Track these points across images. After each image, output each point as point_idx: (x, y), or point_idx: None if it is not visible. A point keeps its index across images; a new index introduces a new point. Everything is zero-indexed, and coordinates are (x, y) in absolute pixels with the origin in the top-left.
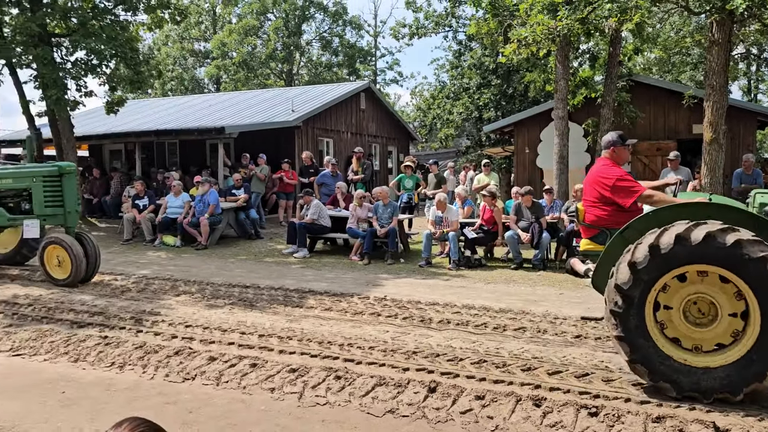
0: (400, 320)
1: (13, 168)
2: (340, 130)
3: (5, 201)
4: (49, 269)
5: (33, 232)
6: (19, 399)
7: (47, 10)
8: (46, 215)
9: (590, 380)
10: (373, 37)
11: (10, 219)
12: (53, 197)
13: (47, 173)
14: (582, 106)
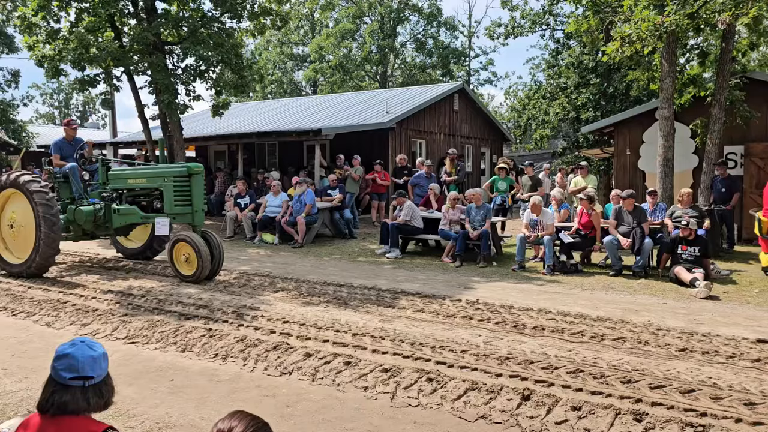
0: (492, 324)
1: (146, 168)
2: (433, 132)
3: (139, 199)
4: (177, 265)
5: (164, 229)
6: (133, 385)
7: (161, 20)
8: (176, 213)
9: (696, 397)
10: (468, 37)
11: (143, 217)
12: (182, 196)
13: (177, 173)
14: (689, 105)
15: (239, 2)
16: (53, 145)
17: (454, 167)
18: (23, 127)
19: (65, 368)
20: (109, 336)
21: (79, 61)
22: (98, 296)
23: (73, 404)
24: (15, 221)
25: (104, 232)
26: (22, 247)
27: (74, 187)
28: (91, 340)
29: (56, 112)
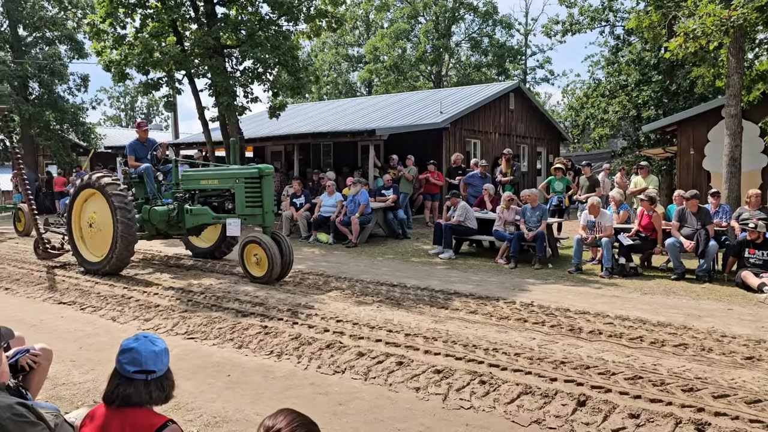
0: (547, 328)
1: (218, 170)
2: (487, 131)
3: (210, 200)
4: (248, 266)
5: (235, 230)
6: (192, 379)
7: (221, 24)
8: (246, 215)
9: (763, 408)
10: (524, 35)
11: (215, 217)
12: (253, 198)
13: (248, 175)
14: (758, 102)
15: (296, 5)
16: (128, 146)
17: (510, 167)
18: (92, 129)
19: (129, 362)
20: (169, 331)
21: (143, 66)
22: (160, 292)
23: (136, 397)
24: (94, 221)
25: (177, 231)
26: (101, 246)
27: (148, 188)
28: (153, 336)
29: (122, 115)
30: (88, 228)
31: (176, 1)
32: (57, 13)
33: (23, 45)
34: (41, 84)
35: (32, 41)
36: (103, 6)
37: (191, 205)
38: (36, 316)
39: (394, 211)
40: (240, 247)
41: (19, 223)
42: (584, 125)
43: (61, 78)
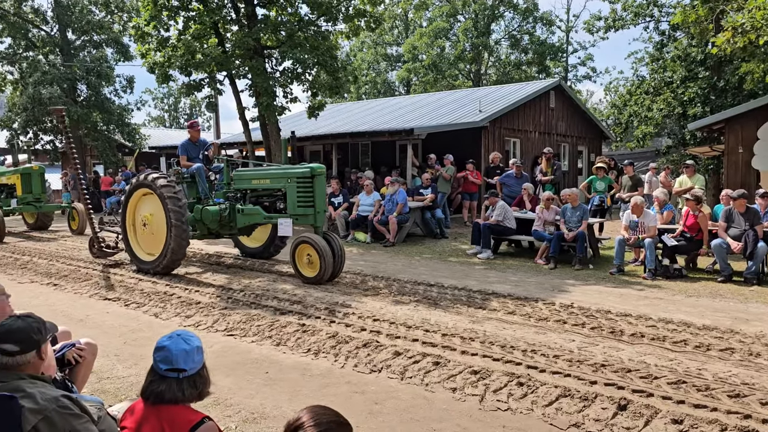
0: (587, 330)
1: (270, 169)
2: (527, 130)
3: (262, 200)
4: (300, 267)
5: (287, 230)
6: (231, 375)
7: (261, 25)
8: (298, 214)
9: None
10: (565, 32)
11: (266, 217)
12: (305, 197)
13: (300, 174)
14: None
15: (335, 5)
16: (180, 146)
17: (550, 166)
18: (137, 130)
19: (162, 360)
20: (209, 328)
21: (186, 67)
22: (201, 290)
23: (169, 394)
24: (148, 220)
25: (228, 231)
26: (154, 245)
27: (200, 187)
28: (188, 334)
29: (166, 116)
30: (142, 227)
31: (218, 3)
32: (104, 17)
33: (72, 48)
34: (89, 86)
35: (80, 45)
36: (147, 9)
37: (243, 204)
38: (83, 311)
39: (432, 210)
40: (292, 247)
41: (73, 222)
42: (627, 123)
43: (108, 80)
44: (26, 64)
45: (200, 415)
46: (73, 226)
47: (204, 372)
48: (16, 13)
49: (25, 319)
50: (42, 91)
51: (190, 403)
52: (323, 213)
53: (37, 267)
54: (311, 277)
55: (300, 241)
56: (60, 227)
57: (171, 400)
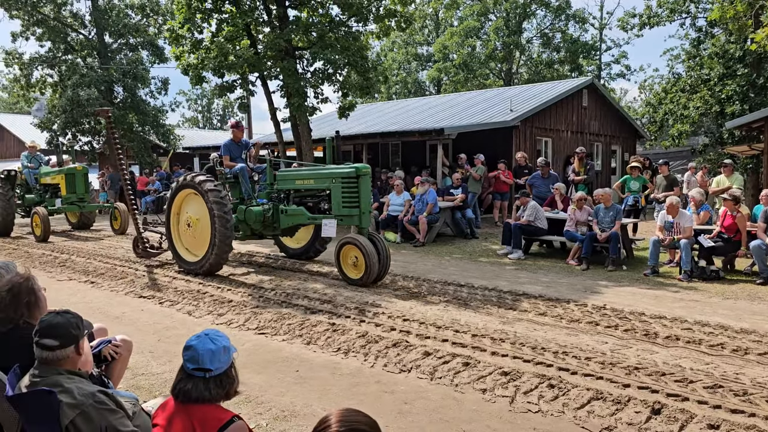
0: (620, 332)
1: (314, 169)
2: (559, 129)
3: (305, 200)
4: (344, 268)
5: (331, 231)
6: (262, 373)
7: (292, 26)
8: (343, 215)
9: None
10: (599, 30)
11: (310, 218)
12: (350, 198)
13: (345, 175)
14: None
15: (365, 6)
16: (222, 146)
17: (583, 166)
18: (171, 131)
19: (189, 359)
20: (241, 326)
21: (219, 69)
22: (233, 288)
23: (196, 393)
24: (192, 221)
25: (272, 232)
26: (198, 246)
27: (243, 188)
28: (216, 333)
29: (199, 116)
30: (186, 228)
31: (250, 5)
32: (140, 21)
33: (109, 51)
34: (125, 88)
35: (117, 47)
36: (181, 12)
37: (286, 205)
38: (118, 308)
39: (462, 210)
40: (336, 248)
41: (115, 222)
42: (662, 122)
43: (143, 82)
44: (65, 67)
45: (230, 414)
46: (115, 226)
47: (231, 372)
48: (55, 18)
49: (64, 315)
50: (80, 94)
51: (218, 402)
52: (368, 214)
53: (75, 265)
54: (356, 279)
55: (345, 243)
56: (101, 226)
57: (198, 399)
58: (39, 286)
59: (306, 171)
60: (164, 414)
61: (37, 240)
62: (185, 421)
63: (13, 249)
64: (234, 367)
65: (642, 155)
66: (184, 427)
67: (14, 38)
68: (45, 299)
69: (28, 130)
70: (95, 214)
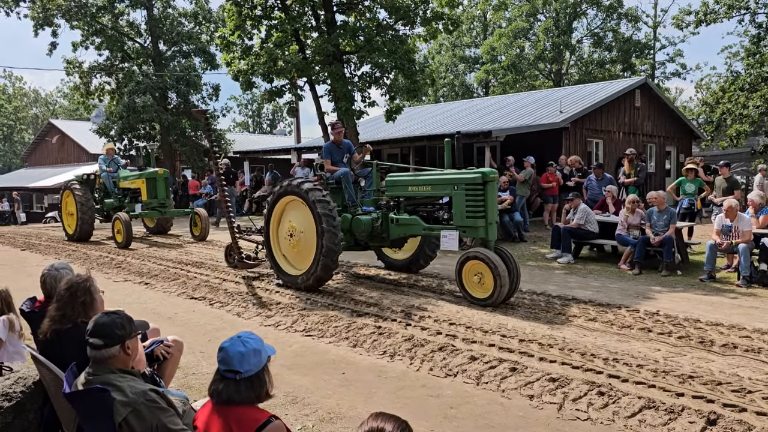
0: (674, 339)
1: (432, 174)
2: (611, 130)
3: (419, 209)
4: (467, 286)
5: (451, 244)
6: (309, 375)
7: (340, 31)
8: (466, 226)
9: None
10: (652, 28)
11: (426, 228)
12: (475, 207)
13: (470, 181)
14: None
15: (412, 9)
16: (324, 150)
17: (633, 168)
18: (222, 135)
19: (221, 361)
20: (289, 328)
21: (268, 74)
22: (281, 291)
23: (226, 394)
24: (295, 230)
25: (379, 243)
26: (301, 258)
27: (347, 194)
28: (249, 336)
29: (249, 121)
30: (288, 238)
31: (299, 11)
32: (192, 28)
33: (163, 59)
34: (178, 94)
35: (171, 55)
36: (232, 19)
37: (397, 213)
38: (170, 309)
39: (510, 213)
40: (458, 263)
41: (195, 228)
42: (719, 122)
43: (196, 88)
44: (122, 74)
45: (267, 414)
46: (195, 232)
47: (263, 375)
48: (113, 27)
49: (111, 315)
50: (136, 100)
51: (250, 404)
52: (495, 225)
53: (131, 266)
54: (482, 298)
55: (469, 257)
56: (179, 232)
57: (228, 401)
58: (96, 287)
59: (423, 176)
60: (203, 415)
61: (119, 246)
62: (222, 421)
63: (73, 250)
64: (267, 370)
65: (698, 156)
66: (222, 428)
67: (75, 48)
68: (102, 300)
69: (87, 136)
70: (173, 220)
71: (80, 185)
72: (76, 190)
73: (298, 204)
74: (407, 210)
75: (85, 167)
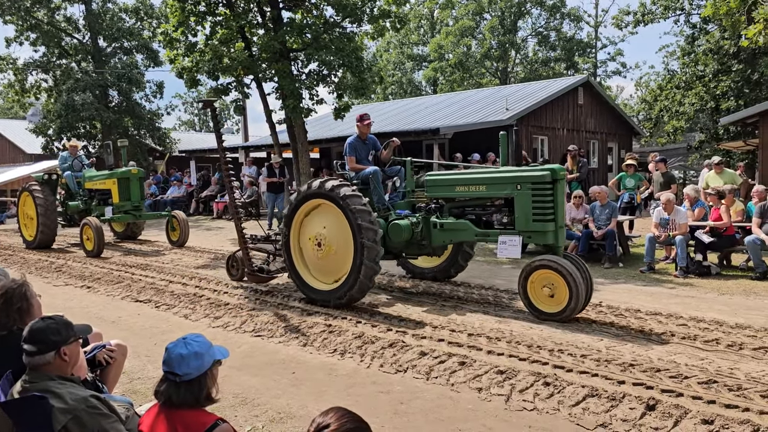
0: (616, 329)
1: (489, 173)
2: (555, 127)
3: (466, 211)
4: (534, 299)
5: (513, 251)
6: (258, 375)
7: (287, 28)
8: (533, 231)
9: None
10: (594, 27)
11: (479, 234)
12: (543, 209)
13: (537, 179)
14: None
15: (359, 6)
16: (347, 145)
17: (576, 164)
18: (167, 134)
19: (164, 362)
20: (238, 329)
21: (214, 71)
22: (230, 291)
23: (166, 395)
24: (324, 239)
25: (417, 251)
26: (332, 270)
27: (376, 196)
28: (194, 338)
29: (196, 119)
30: (315, 248)
31: (244, 8)
32: (134, 24)
33: (103, 56)
34: (120, 92)
35: (111, 51)
36: (175, 16)
37: (439, 217)
38: (115, 313)
39: None
40: (523, 274)
41: (173, 232)
42: (658, 119)
43: (138, 86)
44: (60, 71)
45: (214, 417)
46: (173, 237)
47: (204, 379)
48: (49, 23)
49: (46, 321)
50: (75, 98)
51: (190, 407)
52: (564, 229)
53: (72, 270)
54: (554, 313)
55: (537, 266)
56: (152, 237)
57: (167, 402)
58: (33, 293)
59: (474, 175)
60: (148, 419)
61: (89, 255)
62: (168, 425)
63: (9, 255)
64: (210, 374)
65: (637, 152)
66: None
67: (8, 43)
68: (39, 306)
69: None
70: (144, 224)
71: (41, 186)
72: (35, 192)
73: (329, 209)
74: (452, 213)
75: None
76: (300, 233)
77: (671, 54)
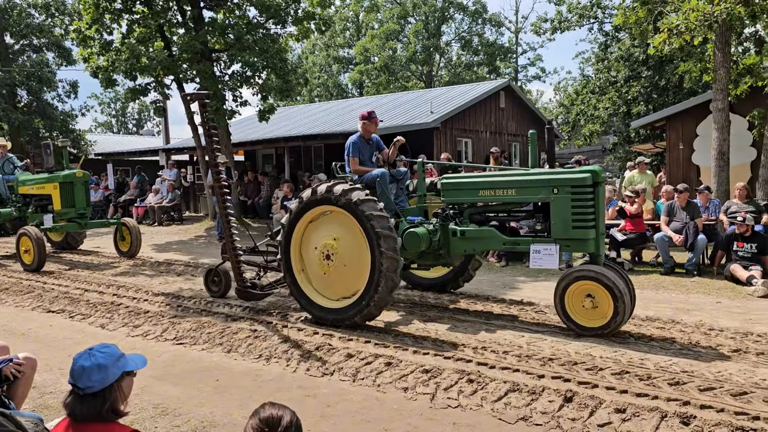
0: (536, 325)
1: (519, 175)
2: (478, 130)
3: (490, 217)
4: (572, 312)
5: (548, 260)
6: (180, 384)
7: (208, 28)
8: (572, 239)
9: (749, 400)
10: (514, 33)
11: (507, 243)
12: (583, 215)
13: (577, 182)
14: (746, 96)
15: (283, 8)
16: (350, 145)
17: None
18: (82, 136)
19: (70, 373)
20: (158, 337)
21: (131, 71)
22: (150, 298)
23: (70, 408)
24: (335, 251)
25: (432, 261)
26: (343, 285)
27: (383, 201)
28: (100, 350)
29: (113, 121)
30: (323, 262)
31: (163, 6)
32: (44, 21)
33: (10, 53)
34: (29, 92)
35: (19, 49)
36: (89, 12)
37: (459, 224)
38: (24, 325)
39: None
40: (561, 286)
41: (122, 242)
42: (575, 122)
43: (50, 85)
44: None
45: (128, 430)
46: (122, 247)
47: (108, 393)
48: None
49: None
50: None
51: (93, 421)
52: (604, 236)
53: None
54: (596, 327)
55: (577, 277)
56: (98, 248)
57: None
58: None
59: (504, 177)
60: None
61: (27, 269)
62: None
63: None
64: (116, 387)
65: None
66: None
67: None
68: None
69: None
70: (85, 233)
71: None
72: None
73: (335, 216)
74: (473, 219)
75: None
76: (302, 245)
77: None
